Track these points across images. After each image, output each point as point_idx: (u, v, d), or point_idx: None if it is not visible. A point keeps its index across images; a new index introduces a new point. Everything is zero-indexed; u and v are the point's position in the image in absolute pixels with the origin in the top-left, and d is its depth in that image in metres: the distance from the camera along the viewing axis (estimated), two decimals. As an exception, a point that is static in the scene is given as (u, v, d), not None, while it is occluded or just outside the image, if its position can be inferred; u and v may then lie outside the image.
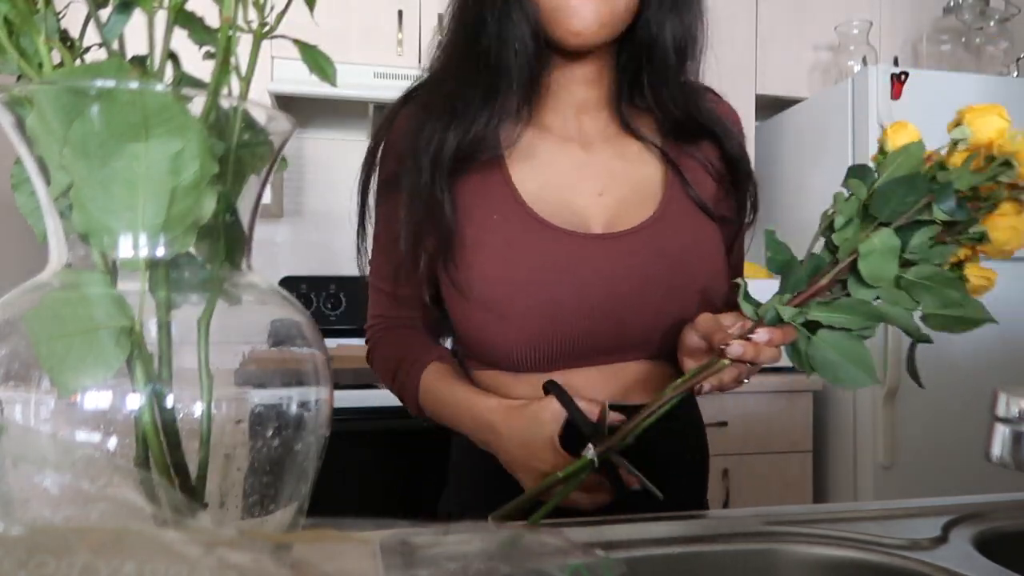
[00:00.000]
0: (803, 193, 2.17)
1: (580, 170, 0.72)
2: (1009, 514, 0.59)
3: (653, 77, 0.71)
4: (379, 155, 0.74)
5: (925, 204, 0.53)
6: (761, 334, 0.55)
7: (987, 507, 0.60)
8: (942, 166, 0.55)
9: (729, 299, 0.71)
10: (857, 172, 0.57)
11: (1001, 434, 0.48)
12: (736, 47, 2.25)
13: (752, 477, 1.93)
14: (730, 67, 2.26)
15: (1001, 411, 0.49)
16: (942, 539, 0.53)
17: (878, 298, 0.55)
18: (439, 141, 0.67)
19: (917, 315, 0.56)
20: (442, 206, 0.67)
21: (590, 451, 0.57)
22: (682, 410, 0.72)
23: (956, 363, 1.87)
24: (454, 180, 0.69)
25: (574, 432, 0.61)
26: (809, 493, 1.97)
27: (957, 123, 0.55)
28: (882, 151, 0.57)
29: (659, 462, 0.65)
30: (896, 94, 1.83)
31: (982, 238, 0.54)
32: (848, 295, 0.56)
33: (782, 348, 0.57)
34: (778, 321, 0.56)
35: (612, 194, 0.72)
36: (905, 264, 0.54)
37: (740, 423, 1.92)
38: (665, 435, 0.69)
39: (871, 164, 0.57)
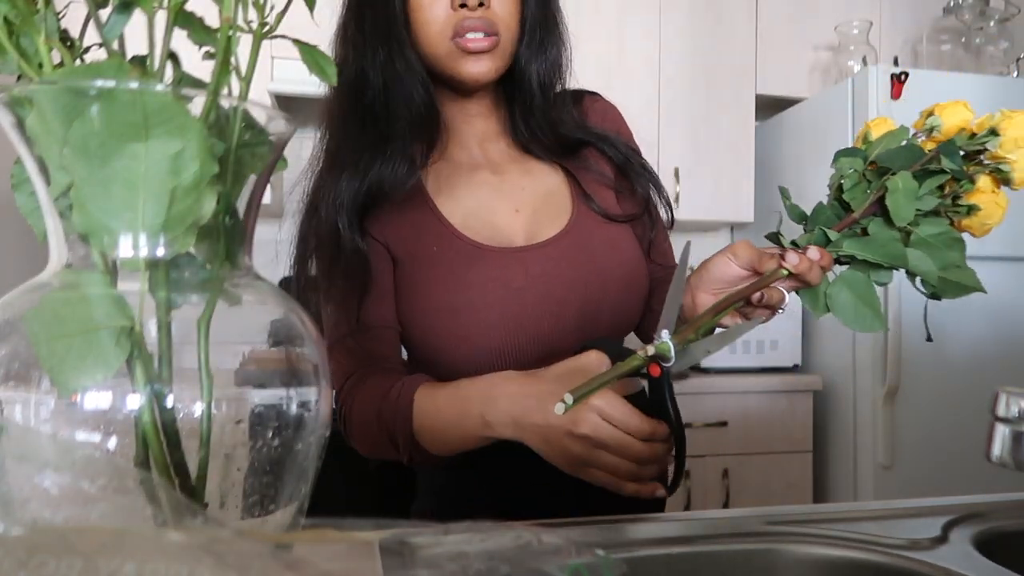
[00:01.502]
0: (803, 193, 2.16)
1: (495, 192, 0.78)
2: (1009, 514, 0.59)
3: (523, 111, 0.78)
4: (311, 237, 0.76)
5: (933, 156, 0.60)
6: (813, 251, 0.60)
7: (987, 507, 0.60)
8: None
9: (651, 295, 0.78)
10: (847, 152, 0.63)
11: (1001, 434, 0.48)
12: (736, 47, 2.25)
13: (752, 477, 1.93)
14: (730, 67, 2.26)
15: (1001, 411, 0.49)
16: (942, 539, 0.53)
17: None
18: (355, 190, 0.71)
19: (918, 281, 0.63)
20: (366, 254, 0.71)
21: (663, 336, 0.56)
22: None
23: (956, 363, 1.87)
24: (381, 226, 0.74)
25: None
26: (809, 493, 1.97)
27: (928, 115, 0.63)
28: (866, 140, 0.64)
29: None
30: (896, 94, 1.83)
31: (971, 209, 0.61)
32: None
33: (798, 295, 0.63)
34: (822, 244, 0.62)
35: (527, 209, 0.77)
36: (911, 226, 0.61)
37: (740, 423, 1.92)
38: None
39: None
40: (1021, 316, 1.87)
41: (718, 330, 0.62)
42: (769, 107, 2.36)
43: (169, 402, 0.30)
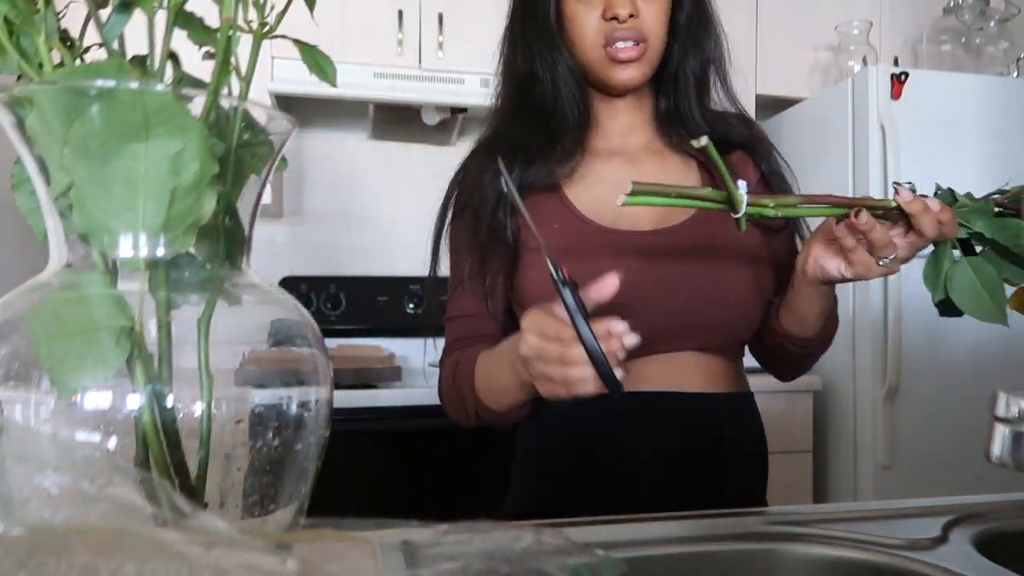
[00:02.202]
0: (804, 192, 2.16)
1: (627, 178, 0.77)
2: (1009, 514, 0.59)
3: (680, 103, 0.80)
4: (453, 200, 0.81)
5: None
6: (932, 201, 0.55)
7: (987, 507, 0.60)
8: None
9: (774, 300, 0.76)
10: None
11: (1001, 434, 0.48)
12: (736, 47, 2.25)
13: (752, 477, 1.93)
14: (731, 66, 2.26)
15: (1001, 411, 0.49)
16: (942, 539, 0.53)
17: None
18: (493, 175, 0.76)
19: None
20: (505, 229, 0.75)
21: (741, 186, 0.53)
22: (744, 410, 0.79)
23: (955, 363, 1.87)
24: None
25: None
26: (809, 493, 1.97)
27: None
28: None
29: (720, 460, 0.73)
30: (896, 94, 1.83)
31: None
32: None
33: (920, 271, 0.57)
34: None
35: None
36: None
37: (740, 423, 1.92)
38: (727, 432, 0.75)
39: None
40: (1021, 316, 1.86)
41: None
42: (769, 107, 2.35)
43: (169, 402, 0.30)
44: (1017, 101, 1.94)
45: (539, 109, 0.78)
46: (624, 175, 0.79)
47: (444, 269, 0.83)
